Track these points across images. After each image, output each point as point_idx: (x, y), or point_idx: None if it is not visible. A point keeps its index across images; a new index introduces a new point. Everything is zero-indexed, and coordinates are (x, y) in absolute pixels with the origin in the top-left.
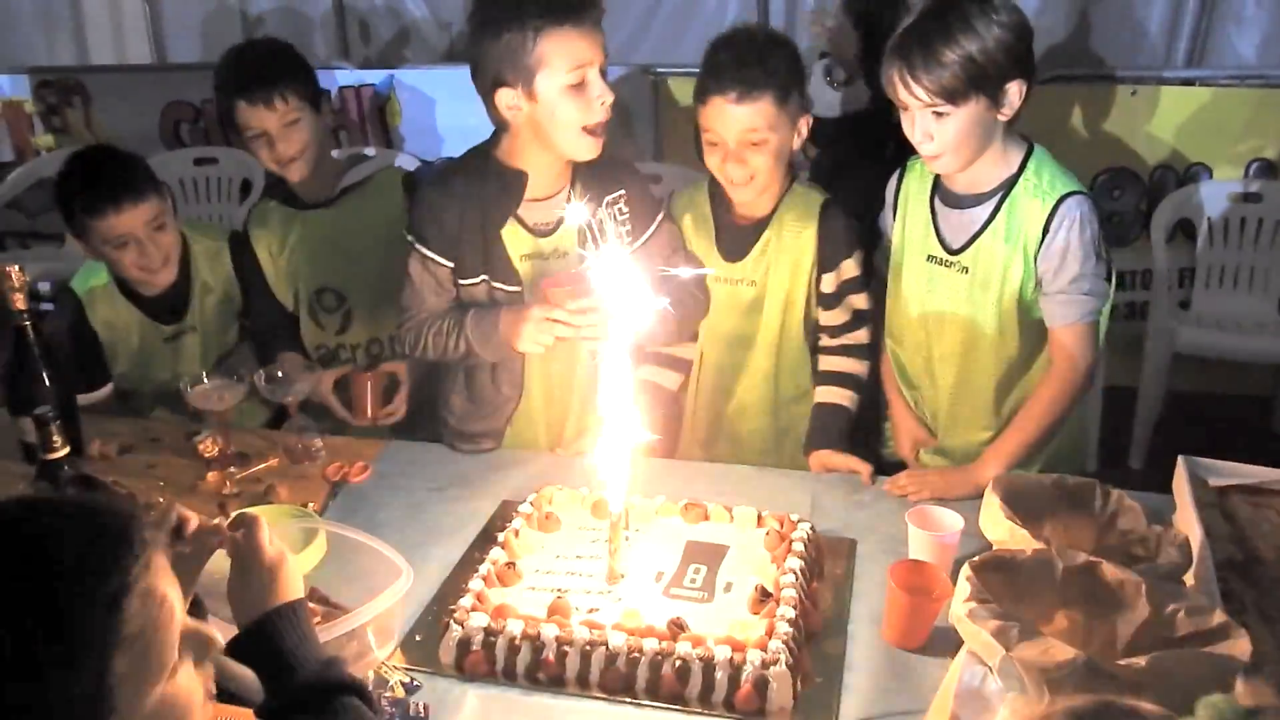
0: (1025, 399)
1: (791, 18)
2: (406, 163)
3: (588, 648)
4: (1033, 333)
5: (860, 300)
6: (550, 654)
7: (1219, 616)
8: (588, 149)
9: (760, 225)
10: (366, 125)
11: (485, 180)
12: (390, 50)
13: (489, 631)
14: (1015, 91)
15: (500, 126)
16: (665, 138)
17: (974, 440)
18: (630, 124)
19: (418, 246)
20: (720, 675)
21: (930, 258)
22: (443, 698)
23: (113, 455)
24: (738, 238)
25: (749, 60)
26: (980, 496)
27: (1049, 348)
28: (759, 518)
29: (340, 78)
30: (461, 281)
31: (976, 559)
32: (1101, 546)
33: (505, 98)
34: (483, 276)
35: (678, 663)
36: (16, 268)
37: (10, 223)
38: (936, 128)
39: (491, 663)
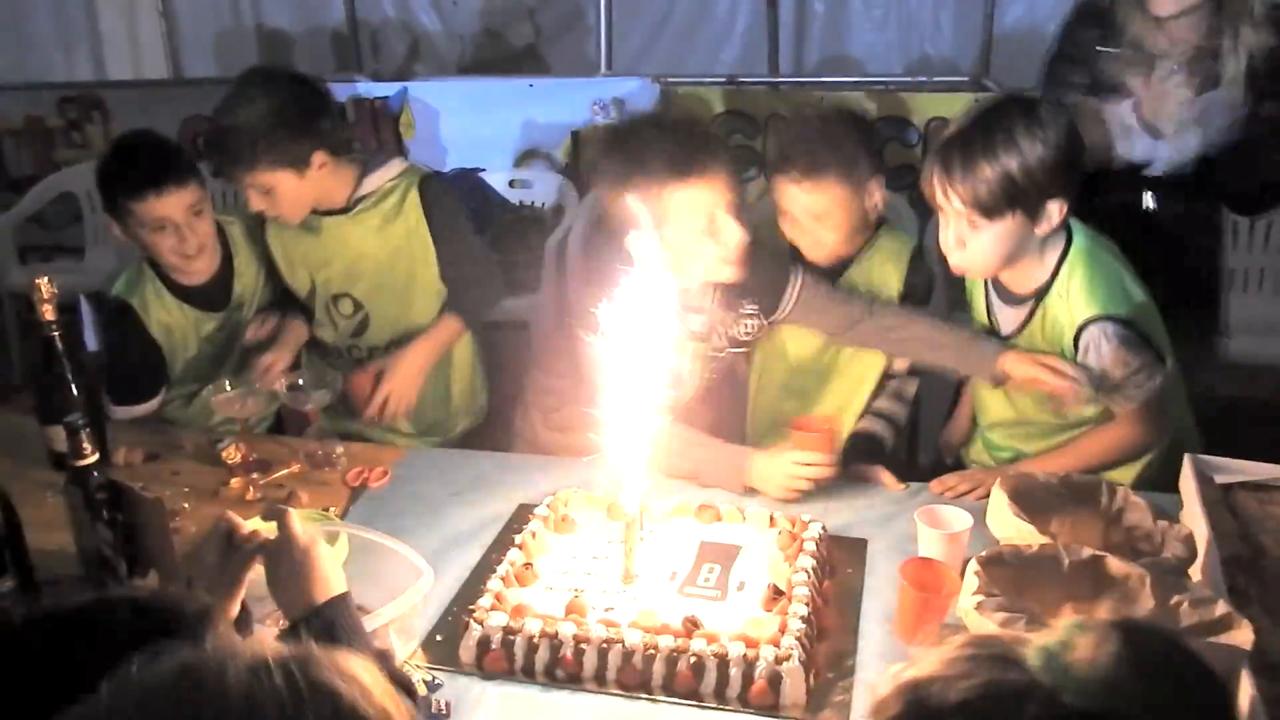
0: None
1: (801, 32)
2: None
3: (604, 645)
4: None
5: None
6: (568, 652)
7: (1222, 608)
8: (727, 275)
9: (840, 266)
10: (379, 137)
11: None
12: (403, 63)
13: (508, 630)
14: (1055, 210)
15: None
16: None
17: None
18: None
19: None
20: (734, 671)
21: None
22: (463, 695)
23: (138, 463)
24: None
25: (813, 143)
26: None
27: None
28: (771, 518)
29: (353, 90)
30: None
31: (984, 554)
32: (1108, 543)
33: (637, 239)
34: None
35: (693, 659)
36: (46, 279)
37: (32, 237)
38: (970, 236)
39: (510, 661)
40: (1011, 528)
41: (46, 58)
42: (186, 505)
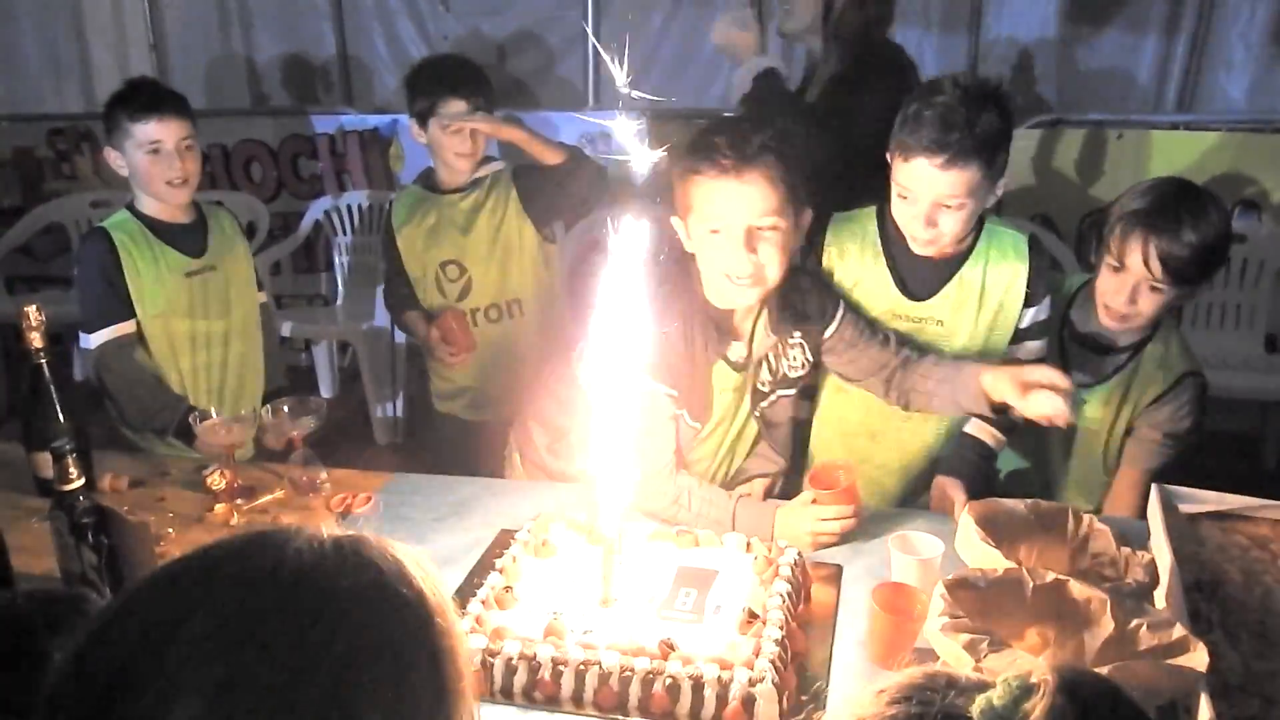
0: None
1: (787, 64)
2: None
3: (582, 667)
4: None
5: (1044, 346)
6: (546, 673)
7: (1179, 631)
8: (725, 298)
9: (952, 262)
10: (370, 169)
11: (698, 320)
12: (394, 96)
13: (487, 652)
14: (1203, 290)
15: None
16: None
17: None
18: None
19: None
20: (709, 693)
21: None
22: None
23: (124, 489)
24: (924, 274)
25: (957, 122)
26: None
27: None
28: (748, 544)
29: (343, 122)
30: (676, 411)
31: (950, 578)
32: (1074, 569)
33: (676, 225)
34: (682, 411)
35: (668, 681)
36: (34, 307)
37: (20, 267)
38: (1145, 298)
39: (489, 682)
40: (979, 553)
41: (36, 89)
42: (171, 531)
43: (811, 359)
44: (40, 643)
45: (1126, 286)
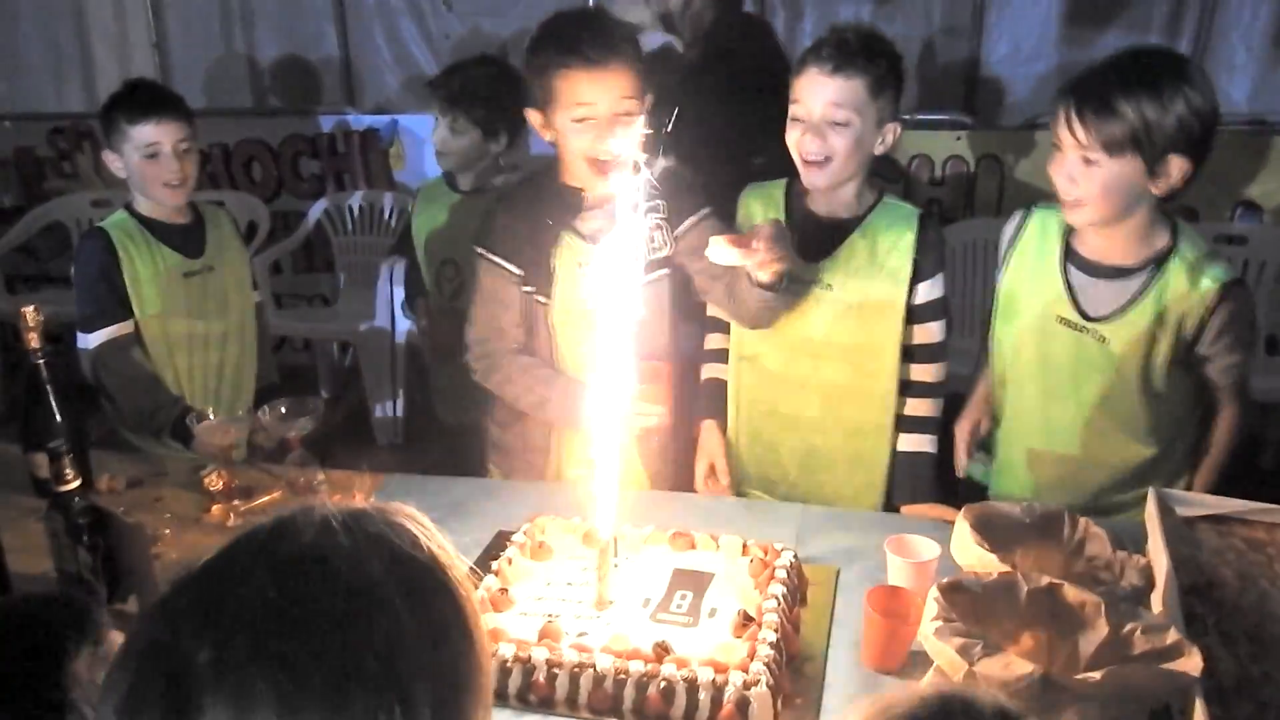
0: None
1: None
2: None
3: (576, 669)
4: (1164, 396)
5: (944, 327)
6: (541, 676)
7: (1173, 635)
8: (594, 183)
9: (846, 226)
10: (370, 169)
11: (547, 197)
12: (395, 96)
13: None
14: (1176, 168)
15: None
16: None
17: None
18: None
19: (487, 255)
20: (704, 696)
21: (1062, 319)
22: None
23: (120, 489)
24: (818, 236)
25: (852, 43)
26: None
27: (1216, 394)
28: (744, 546)
29: (344, 122)
30: (524, 289)
31: (945, 581)
32: (1070, 572)
33: (534, 118)
34: (530, 289)
35: (663, 684)
36: (32, 308)
37: (21, 266)
38: (1083, 174)
39: None
40: (974, 556)
41: (38, 88)
42: (168, 531)
43: (670, 241)
44: (64, 642)
45: (1064, 164)
